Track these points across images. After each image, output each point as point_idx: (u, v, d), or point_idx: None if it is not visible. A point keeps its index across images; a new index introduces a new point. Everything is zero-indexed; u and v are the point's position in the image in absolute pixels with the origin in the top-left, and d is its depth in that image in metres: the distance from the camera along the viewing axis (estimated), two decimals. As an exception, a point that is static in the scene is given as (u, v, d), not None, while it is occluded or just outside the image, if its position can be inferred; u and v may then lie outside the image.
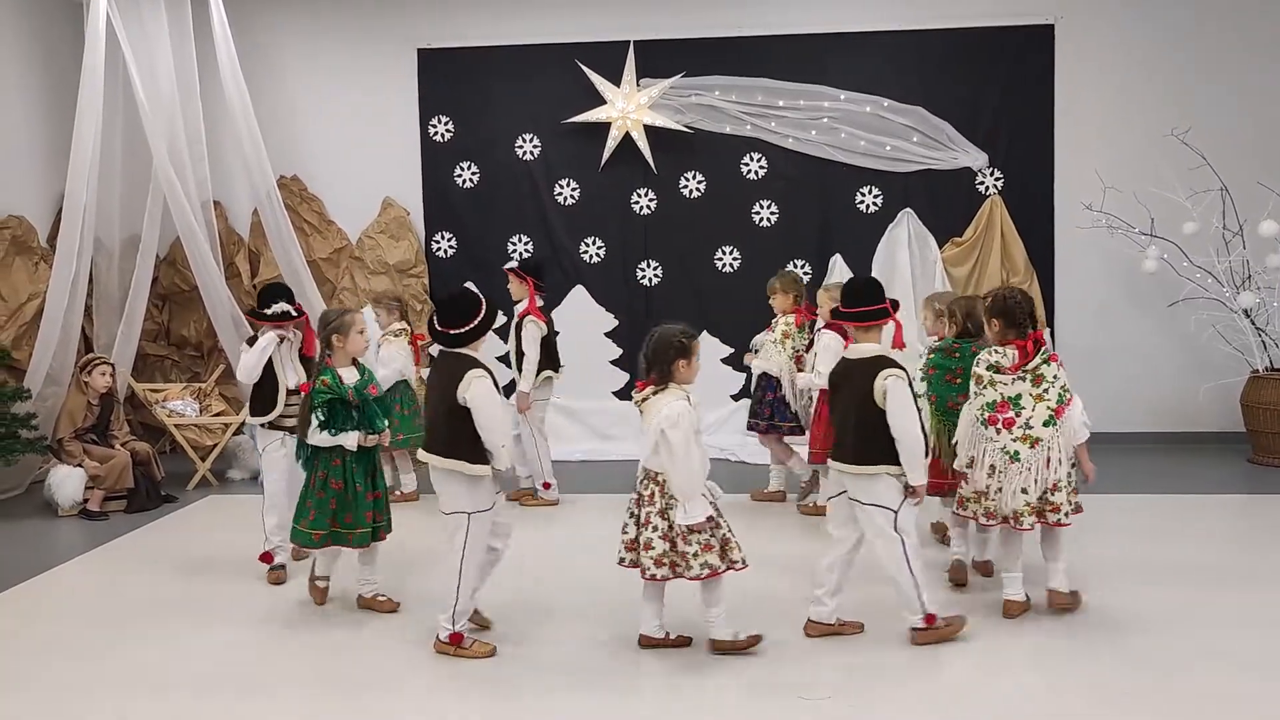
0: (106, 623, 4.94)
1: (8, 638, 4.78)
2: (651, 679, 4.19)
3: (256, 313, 5.57)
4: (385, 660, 4.38)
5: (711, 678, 4.15)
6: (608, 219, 8.86)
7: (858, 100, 8.54)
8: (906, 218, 8.61)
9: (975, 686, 4.04)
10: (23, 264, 7.88)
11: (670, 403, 4.16)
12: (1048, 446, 4.58)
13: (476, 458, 4.25)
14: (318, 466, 4.82)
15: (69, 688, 4.19)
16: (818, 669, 4.20)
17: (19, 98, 8.07)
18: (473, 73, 8.81)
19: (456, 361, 4.34)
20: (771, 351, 6.62)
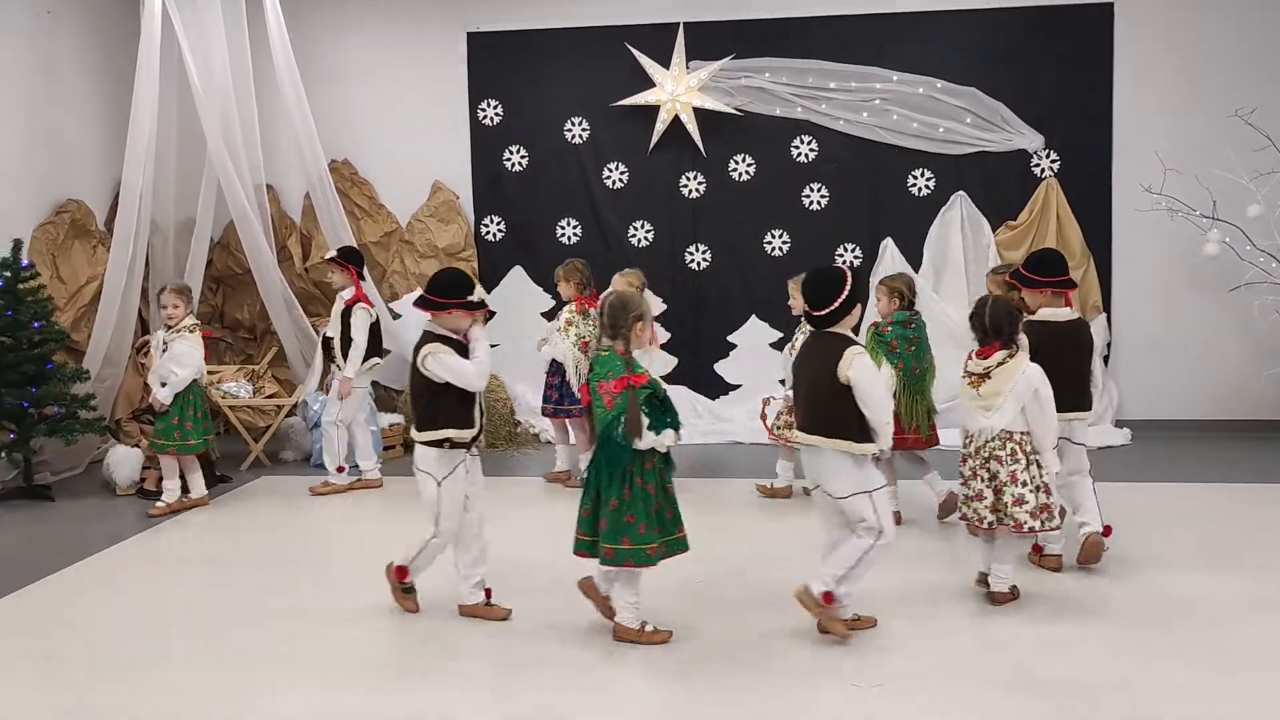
0: (176, 598, 5.03)
1: (77, 613, 4.89)
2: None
3: (440, 303, 4.54)
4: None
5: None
6: (656, 202, 8.83)
7: (910, 81, 8.41)
8: (960, 201, 8.49)
9: (1043, 672, 3.98)
10: (81, 247, 8.02)
11: (1029, 364, 4.54)
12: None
13: (863, 436, 4.21)
14: (632, 474, 4.18)
15: (153, 661, 4.28)
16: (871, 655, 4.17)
17: (77, 85, 8.20)
18: (522, 56, 8.80)
19: (832, 341, 4.26)
20: (556, 339, 6.94)
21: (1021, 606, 4.64)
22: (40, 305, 7.01)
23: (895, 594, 4.75)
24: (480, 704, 3.93)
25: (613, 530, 4.17)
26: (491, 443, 8.24)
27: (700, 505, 6.48)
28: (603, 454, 4.20)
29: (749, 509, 6.41)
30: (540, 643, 4.37)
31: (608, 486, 4.19)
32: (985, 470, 4.61)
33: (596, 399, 4.20)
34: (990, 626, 4.46)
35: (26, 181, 7.63)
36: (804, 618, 4.36)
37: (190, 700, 3.93)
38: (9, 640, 4.57)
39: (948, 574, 5.06)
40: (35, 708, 3.91)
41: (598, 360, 4.26)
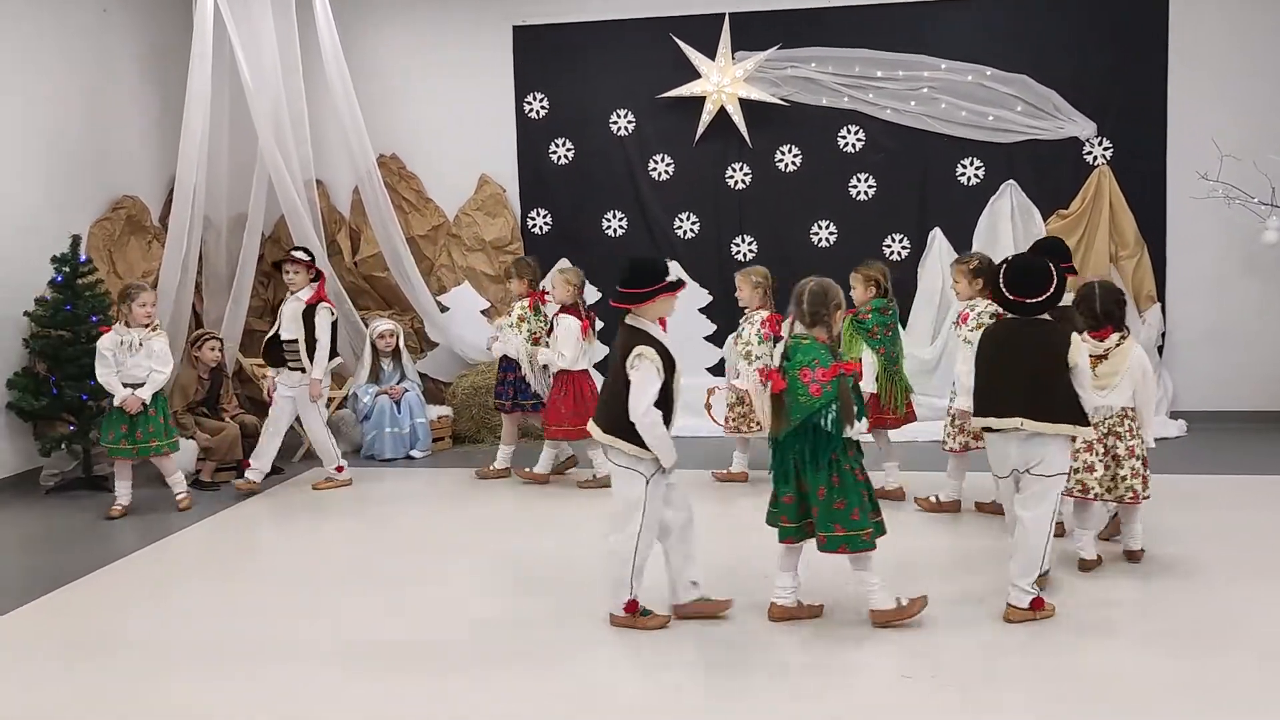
0: (240, 586, 5.13)
1: (144, 600, 5.00)
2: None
3: (644, 292, 4.38)
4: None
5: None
6: (702, 194, 8.82)
7: (959, 69, 8.32)
8: (1010, 190, 8.38)
9: (1088, 667, 3.94)
10: (137, 243, 8.17)
11: (1138, 346, 4.87)
12: None
13: (1082, 420, 4.31)
14: (839, 461, 4.20)
15: (213, 648, 4.36)
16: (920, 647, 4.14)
17: (132, 84, 8.35)
18: (567, 49, 8.82)
19: (1049, 327, 4.35)
20: (508, 335, 7.02)
21: (1066, 602, 4.58)
22: (98, 300, 7.15)
23: (947, 589, 4.72)
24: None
25: (826, 518, 4.21)
26: (538, 436, 8.27)
27: (756, 496, 6.49)
28: (804, 442, 4.17)
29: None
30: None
31: (814, 475, 4.19)
32: (1102, 445, 4.87)
33: (799, 388, 4.14)
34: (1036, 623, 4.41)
35: (84, 178, 7.79)
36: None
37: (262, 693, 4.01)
38: (72, 628, 4.68)
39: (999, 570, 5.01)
40: (94, 696, 4.01)
41: (796, 349, 4.22)
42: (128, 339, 6.29)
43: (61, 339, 6.98)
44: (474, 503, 6.66)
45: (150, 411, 6.32)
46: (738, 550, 5.24)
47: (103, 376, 6.29)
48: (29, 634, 4.61)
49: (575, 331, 6.72)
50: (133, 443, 6.30)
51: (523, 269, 7.25)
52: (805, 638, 4.27)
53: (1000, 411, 4.31)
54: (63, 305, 7.01)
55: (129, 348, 6.29)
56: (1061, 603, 4.46)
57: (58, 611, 4.87)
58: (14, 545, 6.06)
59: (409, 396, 8.03)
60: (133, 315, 6.30)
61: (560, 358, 6.71)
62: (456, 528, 6.13)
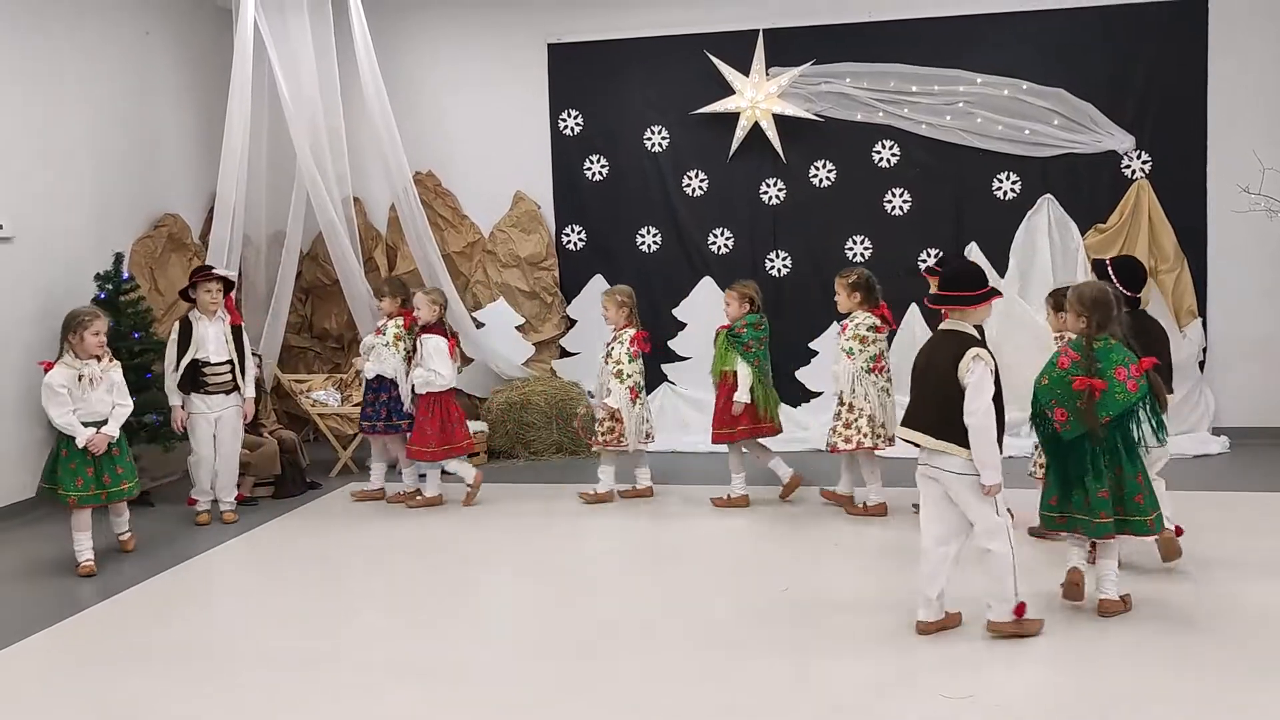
0: (284, 597, 5.17)
1: (189, 611, 5.06)
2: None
3: (974, 295, 4.36)
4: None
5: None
6: (736, 210, 8.82)
7: (995, 84, 8.28)
8: (1047, 204, 8.32)
9: (1128, 685, 3.89)
10: (178, 260, 8.28)
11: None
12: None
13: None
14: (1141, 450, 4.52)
15: (258, 664, 4.40)
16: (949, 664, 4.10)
17: (173, 103, 8.48)
18: (601, 66, 8.87)
19: (1152, 320, 4.85)
20: (385, 354, 6.99)
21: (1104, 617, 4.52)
22: (140, 316, 7.26)
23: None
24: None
25: (1151, 500, 4.48)
26: (573, 450, 8.31)
27: (793, 512, 6.47)
28: (1119, 433, 4.41)
29: (837, 518, 6.35)
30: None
31: (1132, 463, 4.44)
32: None
33: (1116, 386, 4.34)
34: (1075, 637, 4.35)
35: (126, 197, 7.92)
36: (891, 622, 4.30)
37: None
38: (119, 638, 4.74)
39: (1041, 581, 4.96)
40: (136, 708, 4.05)
41: (1101, 353, 4.38)
42: (85, 372, 5.70)
43: (104, 355, 7.06)
44: (512, 515, 6.69)
45: (114, 451, 5.75)
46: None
47: (59, 418, 5.60)
48: (73, 646, 4.67)
49: (445, 350, 6.81)
50: (100, 487, 5.68)
51: (395, 288, 7.23)
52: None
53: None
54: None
55: (88, 382, 5.70)
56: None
57: (101, 624, 4.93)
58: (58, 558, 6.13)
59: (445, 412, 8.06)
60: (84, 345, 5.69)
61: (439, 376, 6.75)
62: (512, 540, 6.17)
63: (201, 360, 6.51)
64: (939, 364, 4.32)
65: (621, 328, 6.91)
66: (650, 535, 6.24)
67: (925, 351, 4.49)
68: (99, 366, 5.75)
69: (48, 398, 5.61)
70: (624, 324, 6.92)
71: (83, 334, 5.68)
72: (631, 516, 6.59)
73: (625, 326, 6.90)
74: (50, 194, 7.19)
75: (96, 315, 5.81)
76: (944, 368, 4.28)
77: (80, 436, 5.60)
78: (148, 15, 8.19)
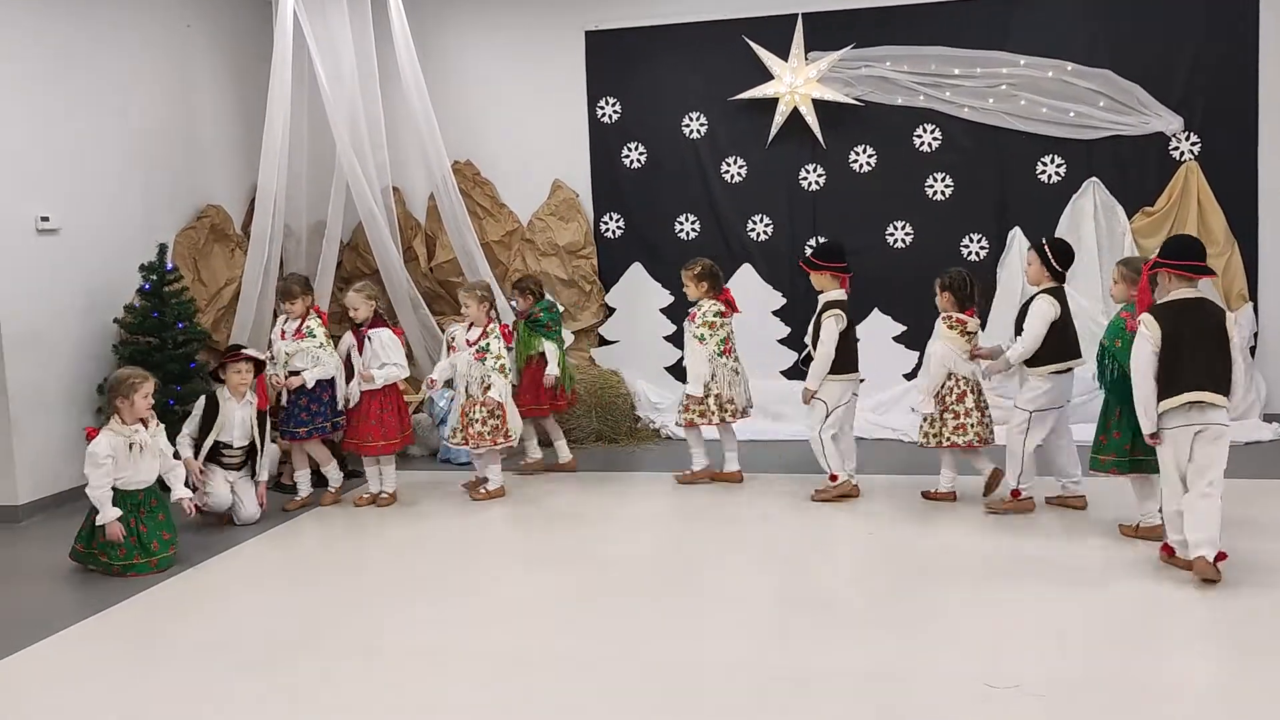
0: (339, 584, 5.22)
1: (237, 598, 5.11)
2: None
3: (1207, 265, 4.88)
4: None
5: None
6: (775, 196, 8.75)
7: (1039, 65, 8.14)
8: (1092, 187, 8.18)
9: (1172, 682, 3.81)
10: (220, 250, 8.35)
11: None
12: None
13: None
14: None
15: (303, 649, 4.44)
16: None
17: (214, 95, 8.55)
18: (639, 53, 8.83)
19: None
20: (324, 357, 6.73)
21: (1150, 613, 4.44)
22: (184, 307, 7.34)
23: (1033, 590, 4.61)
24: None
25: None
26: (612, 438, 8.30)
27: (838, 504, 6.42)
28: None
29: (881, 502, 6.30)
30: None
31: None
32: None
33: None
34: (1127, 627, 4.28)
35: (170, 189, 8.00)
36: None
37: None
38: (156, 629, 4.80)
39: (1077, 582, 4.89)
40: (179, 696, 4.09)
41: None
42: (135, 439, 5.49)
43: (149, 345, 7.16)
44: (556, 504, 6.70)
45: (160, 516, 5.60)
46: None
47: (97, 489, 5.38)
48: (120, 636, 4.74)
49: (397, 340, 6.76)
50: (148, 554, 5.49)
51: (305, 286, 6.93)
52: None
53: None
54: (150, 313, 7.20)
55: (138, 450, 5.49)
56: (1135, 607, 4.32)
57: (151, 612, 5.00)
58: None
59: (485, 401, 8.07)
60: (134, 409, 5.50)
61: (399, 368, 6.67)
62: (558, 531, 6.18)
63: (223, 443, 6.29)
64: (1212, 329, 4.76)
65: (487, 324, 6.75)
66: (704, 523, 6.23)
67: (1184, 322, 4.76)
68: (147, 432, 5.57)
69: (92, 464, 5.38)
70: (487, 320, 6.76)
71: (133, 397, 5.48)
72: (684, 502, 6.57)
73: (490, 321, 6.79)
74: (95, 187, 7.28)
75: (146, 377, 5.61)
76: (1218, 331, 4.76)
77: (105, 515, 5.37)
78: (189, 9, 8.26)
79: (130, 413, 5.50)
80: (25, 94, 6.74)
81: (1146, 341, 4.76)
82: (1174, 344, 4.72)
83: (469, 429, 6.66)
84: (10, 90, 6.63)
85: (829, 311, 6.24)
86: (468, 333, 6.82)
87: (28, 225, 6.75)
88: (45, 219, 6.84)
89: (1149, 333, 4.76)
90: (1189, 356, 4.70)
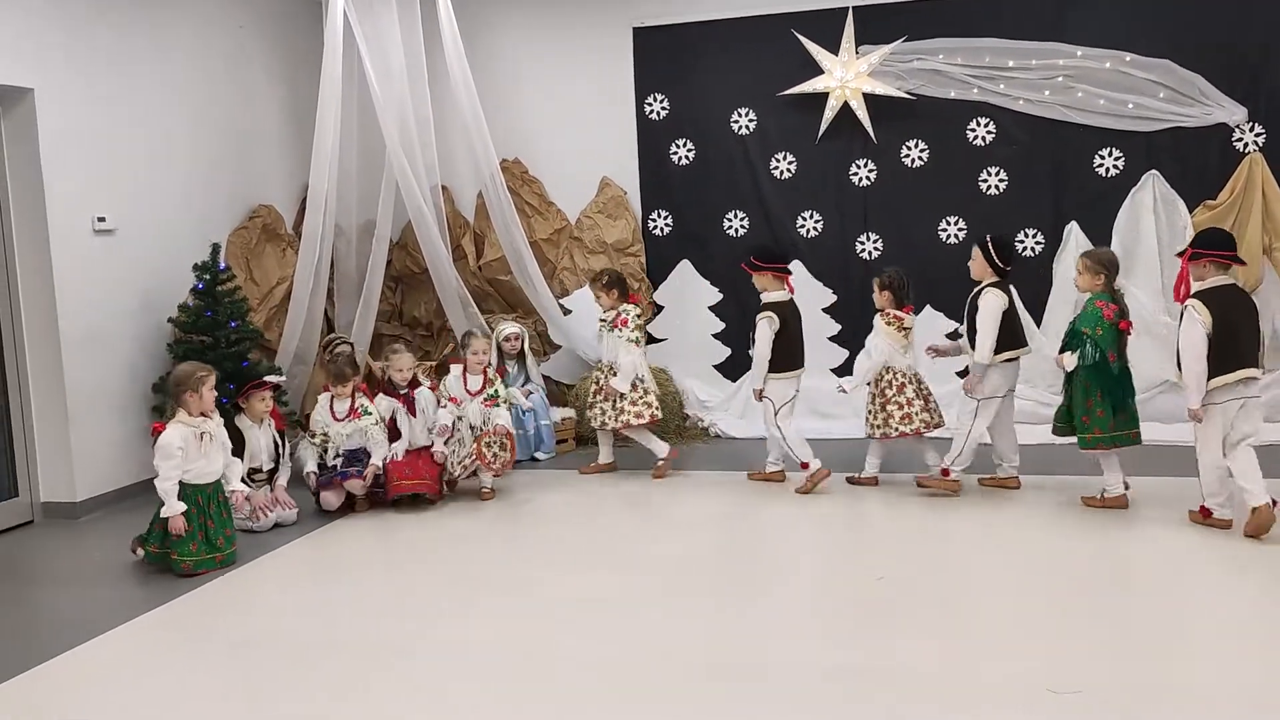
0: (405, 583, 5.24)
1: (289, 596, 5.14)
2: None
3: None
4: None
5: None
6: (825, 192, 8.65)
7: (1096, 56, 7.97)
8: (1152, 180, 7.99)
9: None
10: (272, 250, 8.42)
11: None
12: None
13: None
14: None
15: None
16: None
17: (266, 96, 8.63)
18: (688, 48, 8.77)
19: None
20: (377, 434, 6.62)
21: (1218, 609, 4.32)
22: (236, 305, 7.40)
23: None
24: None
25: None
26: (661, 435, 8.24)
27: (878, 498, 6.33)
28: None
29: (924, 502, 6.19)
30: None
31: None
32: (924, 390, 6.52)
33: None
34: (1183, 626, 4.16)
35: (223, 189, 8.08)
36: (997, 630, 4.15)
37: (381, 685, 4.05)
38: (208, 625, 4.83)
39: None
40: (249, 689, 4.11)
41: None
42: (204, 429, 5.56)
43: (202, 344, 7.23)
44: (618, 503, 6.68)
45: (223, 514, 5.66)
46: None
47: (166, 481, 5.42)
48: (172, 633, 4.78)
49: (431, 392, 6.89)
50: (214, 550, 5.55)
51: (355, 365, 6.95)
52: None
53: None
54: (203, 312, 7.27)
55: (208, 439, 5.57)
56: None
57: (209, 605, 5.04)
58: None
59: (534, 399, 8.08)
60: (203, 401, 5.57)
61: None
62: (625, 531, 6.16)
63: (253, 467, 6.41)
64: (1249, 310, 5.32)
65: (484, 370, 6.98)
66: (750, 517, 6.17)
67: (1230, 307, 5.24)
68: (213, 424, 5.63)
69: (164, 456, 5.40)
70: (485, 365, 7.00)
71: (201, 390, 5.54)
72: (723, 501, 6.52)
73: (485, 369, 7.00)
74: (150, 187, 7.37)
75: (210, 370, 5.69)
76: (1254, 313, 5.33)
77: (171, 507, 5.40)
78: (241, 10, 8.34)
79: (198, 405, 5.55)
80: (83, 95, 6.83)
81: (1198, 325, 5.18)
82: (1225, 325, 5.17)
83: (483, 455, 6.69)
84: (70, 91, 6.72)
85: (762, 314, 6.59)
86: (466, 385, 6.83)
87: (85, 226, 6.84)
88: (102, 219, 6.94)
89: (1200, 316, 5.18)
90: (1240, 336, 5.20)
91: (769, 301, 6.68)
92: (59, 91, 6.65)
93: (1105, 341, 5.66)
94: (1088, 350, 5.69)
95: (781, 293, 6.72)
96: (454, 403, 6.79)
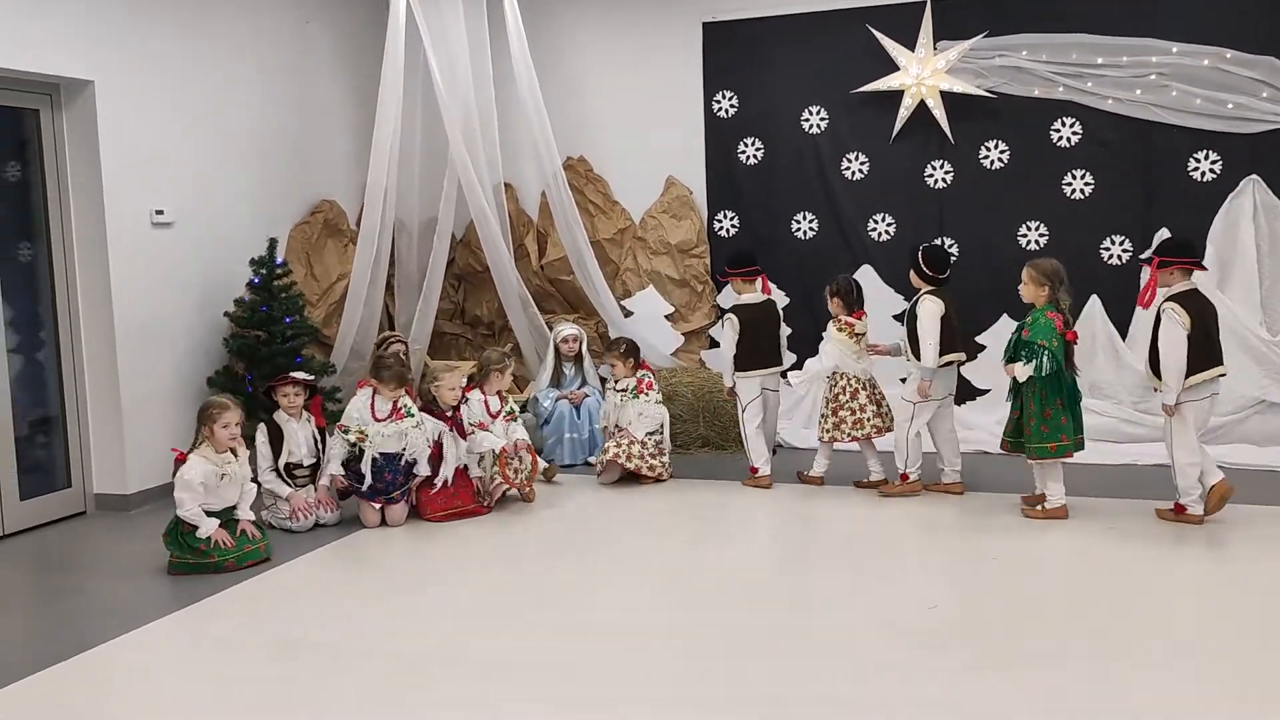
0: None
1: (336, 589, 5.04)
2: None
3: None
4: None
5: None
6: (899, 194, 8.30)
7: (1193, 53, 7.49)
8: (1252, 186, 7.48)
9: None
10: (333, 246, 8.39)
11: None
12: None
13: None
14: None
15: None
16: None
17: (330, 91, 8.60)
18: (758, 44, 8.50)
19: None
20: (417, 437, 6.39)
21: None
22: (292, 301, 7.36)
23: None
24: None
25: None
26: (720, 445, 8.00)
27: (958, 519, 6.01)
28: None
29: (1012, 525, 5.84)
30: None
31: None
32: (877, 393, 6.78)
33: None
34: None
35: (285, 183, 8.06)
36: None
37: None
38: (246, 624, 4.74)
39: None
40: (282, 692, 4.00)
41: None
42: (227, 471, 5.50)
43: (257, 339, 7.20)
44: (672, 510, 6.49)
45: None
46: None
47: (188, 510, 5.36)
48: (211, 629, 4.70)
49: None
50: (250, 541, 5.57)
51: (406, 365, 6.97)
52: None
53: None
54: (259, 306, 7.24)
55: (228, 480, 5.52)
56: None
57: (246, 607, 4.96)
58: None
59: (589, 402, 7.90)
60: (215, 439, 5.47)
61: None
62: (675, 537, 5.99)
63: (293, 463, 6.27)
64: (1215, 313, 5.69)
65: (500, 392, 6.87)
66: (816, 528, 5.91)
67: (1201, 310, 5.59)
68: (236, 464, 5.54)
69: (183, 488, 5.36)
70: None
71: (213, 427, 5.44)
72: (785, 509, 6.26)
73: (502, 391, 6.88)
74: (211, 181, 7.37)
75: (226, 406, 5.52)
76: (1216, 315, 5.69)
77: (205, 528, 5.38)
78: (308, 6, 8.31)
79: (214, 442, 5.47)
80: (144, 88, 6.84)
81: (1179, 326, 5.50)
82: (1202, 326, 5.52)
83: (507, 476, 6.48)
84: (130, 84, 6.73)
85: (725, 316, 6.89)
86: (487, 410, 6.62)
87: (143, 219, 6.85)
88: (160, 212, 6.95)
89: (1180, 318, 5.51)
90: (1212, 336, 5.58)
91: (734, 304, 6.93)
92: (119, 84, 6.66)
93: (1059, 352, 5.76)
94: (1044, 361, 5.76)
95: (754, 294, 6.90)
96: (481, 428, 6.57)
